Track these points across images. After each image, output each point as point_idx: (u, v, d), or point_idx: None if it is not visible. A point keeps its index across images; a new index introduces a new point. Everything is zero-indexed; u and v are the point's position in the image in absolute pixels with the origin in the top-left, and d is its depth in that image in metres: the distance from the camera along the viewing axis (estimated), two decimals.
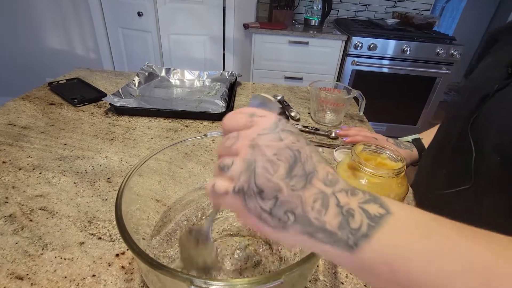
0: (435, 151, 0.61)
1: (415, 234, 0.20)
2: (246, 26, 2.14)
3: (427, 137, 0.70)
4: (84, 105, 0.87)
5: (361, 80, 2.25)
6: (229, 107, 0.87)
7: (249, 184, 0.22)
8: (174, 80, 1.05)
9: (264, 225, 0.23)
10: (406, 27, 2.33)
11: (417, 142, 0.68)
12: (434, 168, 0.59)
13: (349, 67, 2.21)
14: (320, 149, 0.75)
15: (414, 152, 0.67)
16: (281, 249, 0.43)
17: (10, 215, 0.49)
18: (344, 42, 2.16)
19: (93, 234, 0.47)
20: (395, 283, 0.20)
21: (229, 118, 0.26)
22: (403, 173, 0.44)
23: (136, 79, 0.97)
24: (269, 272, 0.40)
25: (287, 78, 2.30)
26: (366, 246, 0.20)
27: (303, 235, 0.22)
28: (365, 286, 0.42)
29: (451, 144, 0.54)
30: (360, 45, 2.12)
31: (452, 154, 0.53)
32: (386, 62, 2.20)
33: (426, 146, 0.68)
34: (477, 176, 0.47)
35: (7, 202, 0.51)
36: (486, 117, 0.46)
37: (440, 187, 0.55)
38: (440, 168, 0.56)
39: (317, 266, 0.45)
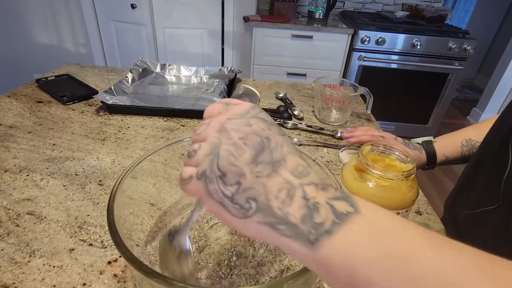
0: (474, 164, 0.58)
1: (380, 238, 0.20)
2: (246, 19, 2.14)
3: (443, 140, 0.69)
4: (74, 103, 0.87)
5: (368, 76, 2.25)
6: None
7: (211, 167, 0.23)
8: (169, 76, 1.05)
9: (226, 212, 0.23)
10: (417, 20, 2.33)
11: (427, 145, 0.67)
12: (470, 183, 0.57)
13: (355, 63, 2.21)
14: (325, 149, 0.75)
15: (423, 155, 0.67)
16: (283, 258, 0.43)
17: None
18: (350, 36, 2.16)
19: (84, 240, 0.47)
20: (353, 286, 0.20)
21: (207, 108, 0.28)
22: (413, 175, 0.44)
23: (130, 76, 0.97)
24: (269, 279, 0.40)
25: (289, 74, 2.30)
26: (326, 243, 0.20)
27: (264, 226, 0.22)
28: None
29: (489, 157, 0.51)
30: (367, 39, 2.12)
31: (489, 169, 0.50)
32: (395, 57, 2.20)
33: (438, 151, 0.67)
34: (506, 195, 0.44)
35: None
36: None
37: (470, 205, 0.53)
38: (475, 183, 0.54)
39: None
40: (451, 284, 0.18)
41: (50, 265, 0.43)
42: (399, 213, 0.43)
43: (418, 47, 2.14)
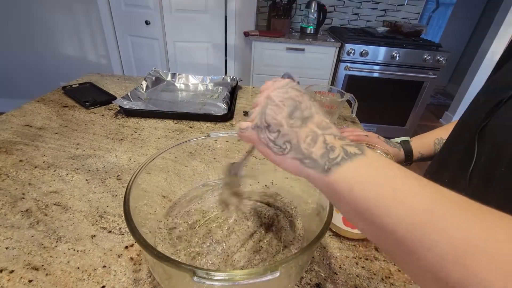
0: (442, 157, 0.57)
1: (376, 173, 0.24)
2: (246, 34, 2.14)
3: (418, 140, 0.69)
4: (96, 107, 0.87)
5: (353, 84, 2.25)
6: (231, 109, 0.87)
7: (261, 121, 0.29)
8: (179, 84, 1.05)
9: (270, 151, 0.29)
10: (396, 35, 2.33)
11: (405, 144, 0.68)
12: (438, 174, 0.56)
13: (342, 72, 2.21)
14: None
15: (401, 153, 0.67)
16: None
17: (27, 210, 0.49)
18: (337, 49, 2.15)
19: (104, 228, 0.47)
20: (352, 205, 0.24)
21: (263, 86, 0.33)
22: None
23: (144, 83, 0.97)
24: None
25: None
26: (335, 171, 0.24)
27: (295, 160, 0.27)
28: (357, 276, 0.42)
29: (458, 150, 0.50)
30: (352, 51, 2.11)
31: (457, 161, 0.50)
32: (376, 67, 2.20)
33: (414, 149, 0.67)
34: (472, 186, 0.44)
35: (23, 198, 0.51)
36: (495, 124, 0.43)
37: None
38: (443, 175, 0.53)
39: (313, 257, 0.45)
40: (427, 212, 0.20)
41: (74, 250, 0.43)
42: None
43: (397, 58, 2.14)
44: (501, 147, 0.40)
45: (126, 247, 0.44)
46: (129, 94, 0.87)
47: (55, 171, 0.59)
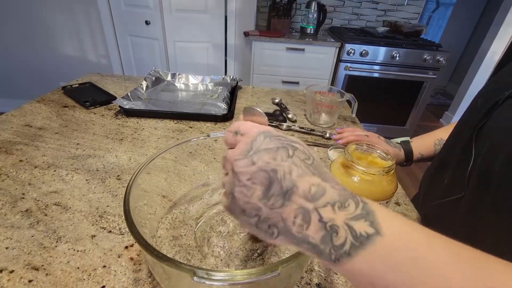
0: (442, 158, 0.57)
1: (400, 261, 0.19)
2: (246, 34, 2.14)
3: (418, 140, 0.69)
4: (96, 107, 0.87)
5: (353, 84, 2.25)
6: (231, 109, 0.87)
7: (232, 206, 0.24)
8: (179, 84, 1.05)
9: (258, 233, 0.24)
10: (396, 35, 2.33)
11: (405, 144, 0.68)
12: (437, 175, 0.56)
13: (342, 72, 2.21)
14: (316, 148, 0.75)
15: (401, 153, 0.67)
16: None
17: (27, 210, 0.49)
18: (337, 49, 2.15)
19: (104, 228, 0.47)
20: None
21: (225, 135, 0.27)
22: (392, 171, 0.44)
23: (144, 83, 0.97)
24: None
25: (284, 82, 2.29)
26: (348, 264, 0.20)
27: (291, 244, 0.22)
28: None
29: (456, 150, 0.50)
30: (352, 51, 2.11)
31: (456, 162, 0.50)
32: (376, 67, 2.20)
33: (414, 150, 0.67)
34: (470, 185, 0.44)
35: (23, 198, 0.51)
36: (493, 125, 0.43)
37: (438, 196, 0.52)
38: (443, 175, 0.53)
39: (313, 257, 0.45)
40: None
41: (74, 250, 0.43)
42: (380, 203, 0.43)
43: (397, 58, 2.14)
44: (497, 147, 0.40)
45: (126, 247, 0.44)
46: (129, 94, 0.87)
47: (55, 171, 0.59)
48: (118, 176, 0.59)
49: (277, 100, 1.00)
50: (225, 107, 0.87)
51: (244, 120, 0.28)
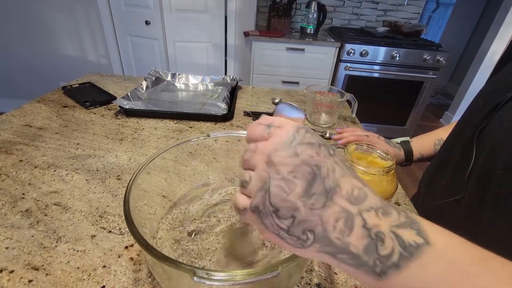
0: (441, 158, 0.57)
1: (452, 276, 0.17)
2: (246, 34, 2.14)
3: (418, 140, 0.69)
4: (96, 107, 0.87)
5: (353, 84, 2.25)
6: (231, 109, 0.87)
7: (264, 203, 0.20)
8: (179, 84, 1.05)
9: (284, 242, 0.21)
10: (396, 35, 2.33)
11: (405, 144, 0.68)
12: (437, 175, 0.56)
13: (342, 72, 2.21)
14: None
15: (401, 153, 0.67)
16: None
17: (27, 210, 0.49)
18: (337, 49, 2.15)
19: (104, 228, 0.47)
20: None
21: (249, 128, 0.23)
22: (392, 171, 0.44)
23: (144, 83, 0.97)
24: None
25: (284, 82, 2.29)
26: (395, 277, 0.18)
27: (324, 254, 0.20)
28: None
29: (456, 151, 0.50)
30: (352, 51, 2.11)
31: (456, 162, 0.50)
32: (376, 67, 2.20)
33: (414, 150, 0.67)
34: (470, 186, 0.44)
35: (23, 198, 0.51)
36: (494, 126, 0.42)
37: (437, 196, 0.52)
38: (442, 175, 0.53)
39: None
40: None
41: (74, 250, 0.43)
42: None
43: (397, 58, 2.14)
44: (499, 148, 0.40)
45: (126, 247, 0.44)
46: (129, 94, 0.87)
47: (55, 171, 0.59)
48: (118, 176, 0.59)
49: (277, 100, 1.00)
50: (225, 107, 0.87)
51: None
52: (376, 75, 2.23)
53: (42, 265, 0.40)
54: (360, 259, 0.18)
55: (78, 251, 0.42)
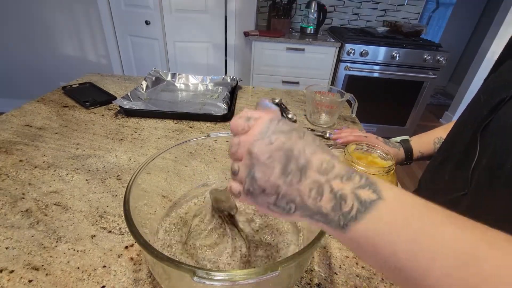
0: (442, 155, 0.57)
1: (400, 220, 0.21)
2: (246, 34, 2.14)
3: (418, 139, 0.69)
4: (96, 107, 0.87)
5: (353, 84, 2.25)
6: (231, 109, 0.87)
7: (253, 186, 0.25)
8: (179, 84, 1.05)
9: (274, 212, 0.25)
10: (396, 35, 2.33)
11: (405, 143, 0.68)
12: (437, 173, 0.56)
13: (342, 72, 2.21)
14: None
15: (401, 152, 0.67)
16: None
17: (27, 210, 0.49)
18: (337, 49, 2.15)
19: (104, 228, 0.47)
20: (380, 261, 0.21)
21: (232, 123, 0.27)
22: (392, 171, 0.44)
23: (144, 83, 0.97)
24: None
25: (284, 82, 2.29)
26: (354, 228, 0.22)
27: (305, 217, 0.24)
28: (357, 276, 0.42)
29: (458, 148, 0.50)
30: (352, 51, 2.11)
31: (457, 160, 0.50)
32: (376, 67, 2.20)
33: (414, 148, 0.67)
34: (473, 182, 0.44)
35: (23, 198, 0.51)
36: (499, 122, 0.43)
37: (439, 193, 0.52)
38: (443, 172, 0.53)
39: (313, 257, 0.45)
40: (465, 255, 0.18)
41: (74, 250, 0.43)
42: None
43: (397, 58, 2.14)
44: (507, 144, 0.40)
45: (126, 247, 0.44)
46: (129, 94, 0.87)
47: (55, 171, 0.59)
48: (118, 176, 0.59)
49: (277, 100, 1.00)
50: (225, 107, 0.87)
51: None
52: (376, 75, 2.23)
53: (42, 265, 0.40)
54: (328, 217, 0.23)
55: (78, 251, 0.42)
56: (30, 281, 0.38)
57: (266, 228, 0.45)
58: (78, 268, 0.40)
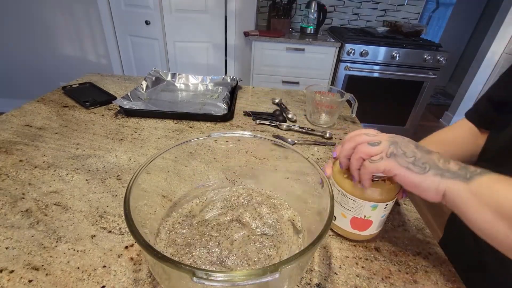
0: (497, 159, 0.51)
1: (506, 183, 0.31)
2: (246, 34, 2.14)
3: (424, 142, 0.68)
4: (96, 107, 0.87)
5: (353, 84, 2.25)
6: (231, 109, 0.87)
7: (397, 150, 0.36)
8: (179, 84, 1.05)
9: (411, 172, 0.34)
10: (396, 35, 2.33)
11: None
12: (504, 166, 0.52)
13: (342, 72, 2.21)
14: (316, 148, 0.75)
15: None
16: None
17: (27, 210, 0.49)
18: (337, 49, 2.15)
19: (104, 228, 0.47)
20: (495, 211, 0.30)
21: (356, 132, 0.41)
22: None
23: (144, 83, 0.97)
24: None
25: (284, 82, 2.30)
26: (478, 180, 0.31)
27: (436, 176, 0.33)
28: (357, 276, 0.42)
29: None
30: (352, 51, 2.11)
31: None
32: (376, 67, 2.20)
33: None
34: None
35: (23, 198, 0.51)
36: None
37: None
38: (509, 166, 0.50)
39: (313, 258, 0.45)
40: None
41: (74, 250, 0.43)
42: (387, 205, 0.42)
43: (397, 58, 2.14)
44: None
45: (126, 247, 0.44)
46: (129, 94, 0.87)
47: (55, 171, 0.59)
48: (118, 176, 0.59)
49: (277, 100, 1.00)
50: (225, 107, 0.87)
51: None
52: (376, 75, 2.23)
53: (42, 265, 0.40)
54: (457, 173, 0.33)
55: (78, 251, 0.42)
56: (30, 281, 0.38)
57: (266, 228, 0.45)
58: (78, 268, 0.40)
